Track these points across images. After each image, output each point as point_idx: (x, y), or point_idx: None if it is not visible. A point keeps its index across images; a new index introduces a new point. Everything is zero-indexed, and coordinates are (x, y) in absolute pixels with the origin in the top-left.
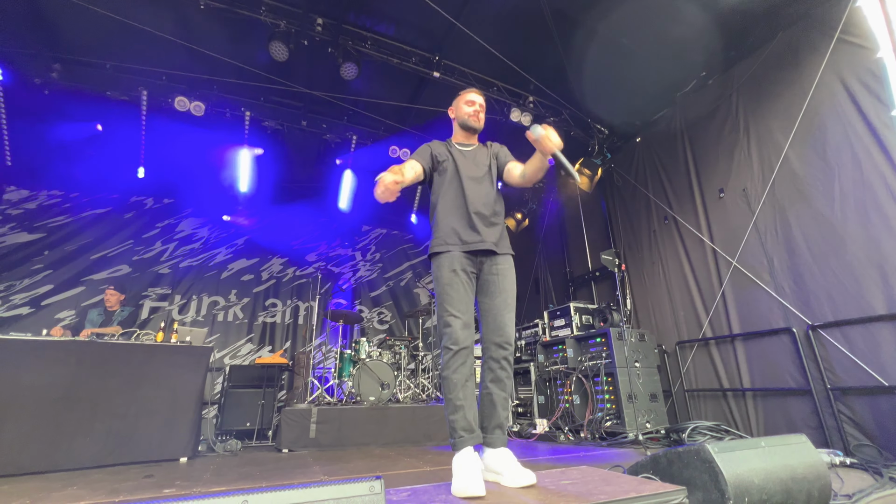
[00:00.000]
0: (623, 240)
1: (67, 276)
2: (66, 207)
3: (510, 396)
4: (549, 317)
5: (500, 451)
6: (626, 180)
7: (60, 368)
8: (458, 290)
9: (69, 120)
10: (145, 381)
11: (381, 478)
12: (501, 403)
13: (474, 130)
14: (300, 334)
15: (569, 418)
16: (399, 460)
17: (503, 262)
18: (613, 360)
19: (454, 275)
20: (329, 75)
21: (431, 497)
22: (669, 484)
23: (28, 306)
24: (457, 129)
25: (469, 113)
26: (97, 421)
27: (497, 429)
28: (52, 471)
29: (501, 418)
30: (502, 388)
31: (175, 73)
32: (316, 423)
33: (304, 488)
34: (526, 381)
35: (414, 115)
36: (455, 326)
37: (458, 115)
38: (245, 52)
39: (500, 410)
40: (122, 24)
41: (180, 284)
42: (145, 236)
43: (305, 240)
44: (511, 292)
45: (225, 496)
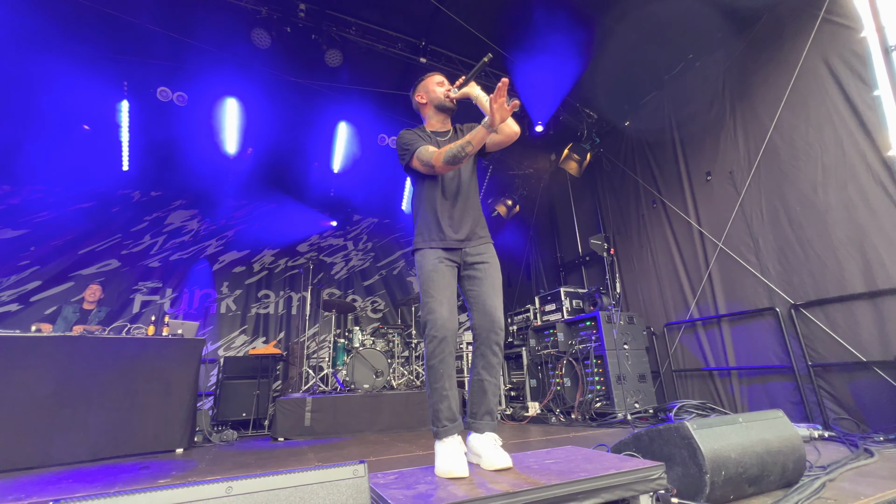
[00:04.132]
0: (612, 224)
1: (55, 271)
2: (49, 202)
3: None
4: (541, 302)
5: (486, 436)
6: (615, 165)
7: (52, 364)
8: (443, 277)
9: (49, 112)
10: (138, 374)
11: (364, 462)
12: (492, 390)
13: (451, 111)
14: (293, 324)
15: (560, 401)
16: (393, 445)
17: (484, 248)
18: (603, 342)
19: (438, 262)
20: (314, 62)
21: (418, 479)
22: (649, 460)
23: (16, 303)
24: (431, 114)
25: (443, 93)
26: (91, 415)
27: (486, 415)
28: (48, 466)
29: (491, 405)
30: (494, 374)
31: (157, 62)
32: (311, 411)
33: (288, 473)
34: (518, 365)
35: (402, 102)
36: (440, 312)
37: (431, 99)
38: (228, 41)
39: (491, 397)
40: (100, 12)
41: (171, 278)
42: (133, 230)
43: (296, 230)
44: (496, 277)
45: (210, 483)
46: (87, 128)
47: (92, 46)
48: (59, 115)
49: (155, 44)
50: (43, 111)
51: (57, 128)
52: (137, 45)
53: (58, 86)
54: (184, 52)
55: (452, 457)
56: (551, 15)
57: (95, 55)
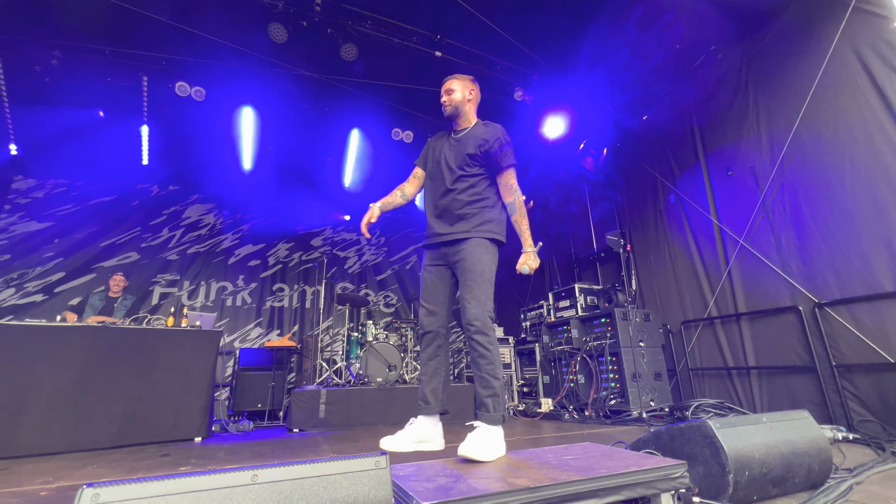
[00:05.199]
0: (629, 220)
1: (78, 263)
2: (73, 195)
3: (492, 375)
4: (554, 298)
5: (476, 427)
6: (633, 160)
7: (76, 353)
8: (426, 282)
9: (71, 107)
10: (157, 364)
11: (386, 454)
12: (479, 382)
13: (447, 118)
14: (307, 318)
15: (573, 397)
16: None
17: (466, 245)
18: (618, 339)
19: (426, 270)
20: (329, 57)
21: (437, 472)
22: (670, 459)
23: (42, 293)
24: (471, 113)
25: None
26: (113, 403)
27: (480, 406)
28: (73, 451)
29: (482, 397)
30: (477, 367)
31: (175, 58)
32: (325, 403)
33: (312, 463)
34: (531, 361)
35: (417, 96)
36: (421, 314)
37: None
38: (245, 36)
39: (480, 389)
40: (119, 8)
41: (189, 270)
42: (152, 223)
43: (310, 225)
44: (472, 272)
45: (236, 471)
46: (102, 114)
47: (111, 40)
48: (81, 108)
49: (174, 39)
50: (64, 105)
51: (79, 122)
52: (156, 40)
53: (78, 79)
54: (202, 47)
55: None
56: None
57: (115, 49)
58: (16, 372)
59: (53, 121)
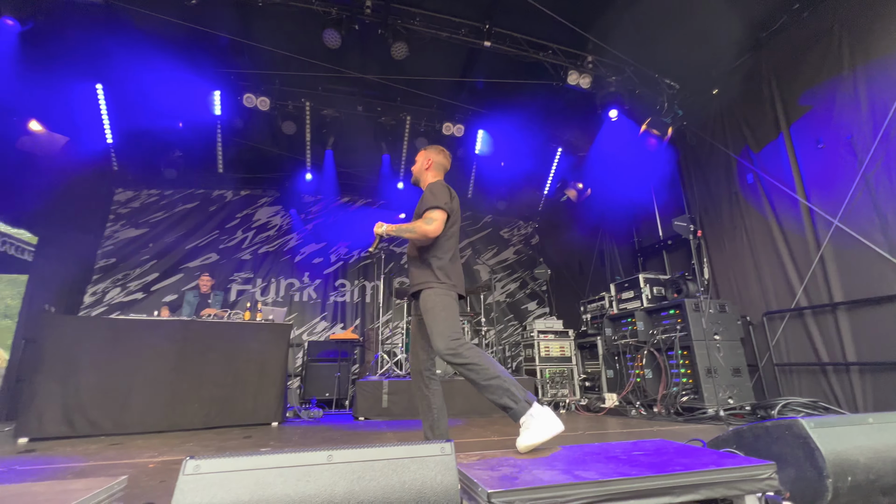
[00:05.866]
0: (699, 204)
1: (169, 264)
2: (162, 204)
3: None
4: (617, 289)
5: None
6: (702, 139)
7: (171, 345)
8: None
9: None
10: (238, 355)
11: (451, 441)
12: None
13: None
14: (368, 312)
15: (640, 393)
16: (467, 430)
17: (421, 298)
18: (690, 332)
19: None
20: (381, 57)
21: (500, 462)
22: (754, 458)
23: (141, 292)
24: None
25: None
26: (203, 389)
27: (506, 410)
28: (171, 430)
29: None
30: (474, 383)
31: (242, 72)
32: (387, 394)
33: (381, 447)
34: (593, 354)
35: (467, 89)
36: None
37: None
38: (301, 45)
39: (490, 397)
40: (193, 30)
41: (260, 269)
42: (228, 226)
43: (367, 222)
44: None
45: (313, 451)
46: (181, 125)
47: (186, 60)
48: (166, 125)
49: (240, 54)
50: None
51: (163, 135)
52: (226, 57)
53: (162, 99)
54: (264, 59)
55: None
56: None
57: (192, 69)
58: (125, 360)
59: (142, 137)
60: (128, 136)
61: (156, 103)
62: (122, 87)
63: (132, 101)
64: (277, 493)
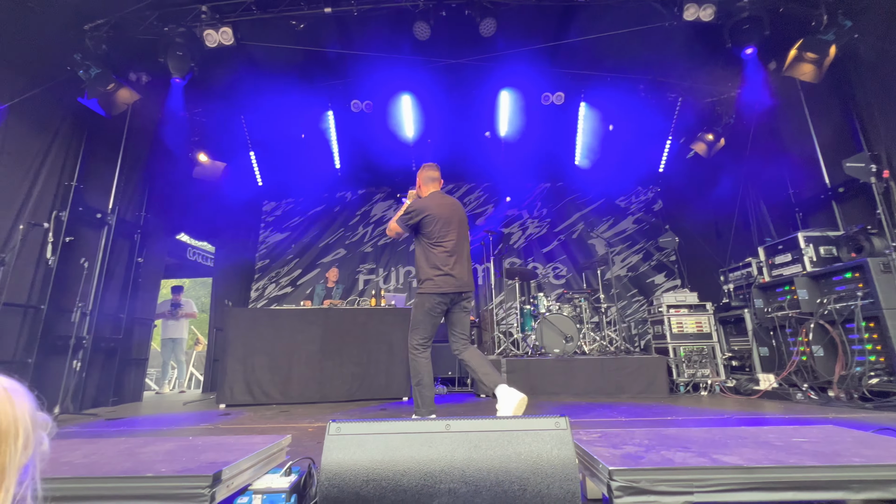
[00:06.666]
0: (883, 137)
1: (308, 261)
2: (297, 210)
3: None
4: (767, 253)
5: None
6: (885, 52)
7: (316, 329)
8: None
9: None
10: (369, 337)
11: (566, 416)
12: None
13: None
14: (481, 294)
15: (808, 374)
16: (591, 409)
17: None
18: (877, 299)
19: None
20: (470, 39)
21: (623, 440)
22: None
23: (290, 286)
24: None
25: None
26: (344, 367)
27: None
28: (323, 401)
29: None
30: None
31: (348, 80)
32: (506, 372)
33: (496, 419)
34: (739, 330)
35: (563, 53)
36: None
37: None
38: (394, 43)
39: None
40: (302, 51)
41: (381, 259)
42: (350, 223)
43: (473, 206)
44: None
45: (433, 420)
46: (304, 136)
47: (306, 79)
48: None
49: (343, 64)
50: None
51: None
52: (333, 69)
53: (286, 116)
54: (363, 65)
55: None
56: None
57: (308, 85)
58: (285, 342)
59: (277, 150)
60: (265, 155)
61: (282, 121)
62: (256, 113)
63: (266, 124)
64: (405, 455)
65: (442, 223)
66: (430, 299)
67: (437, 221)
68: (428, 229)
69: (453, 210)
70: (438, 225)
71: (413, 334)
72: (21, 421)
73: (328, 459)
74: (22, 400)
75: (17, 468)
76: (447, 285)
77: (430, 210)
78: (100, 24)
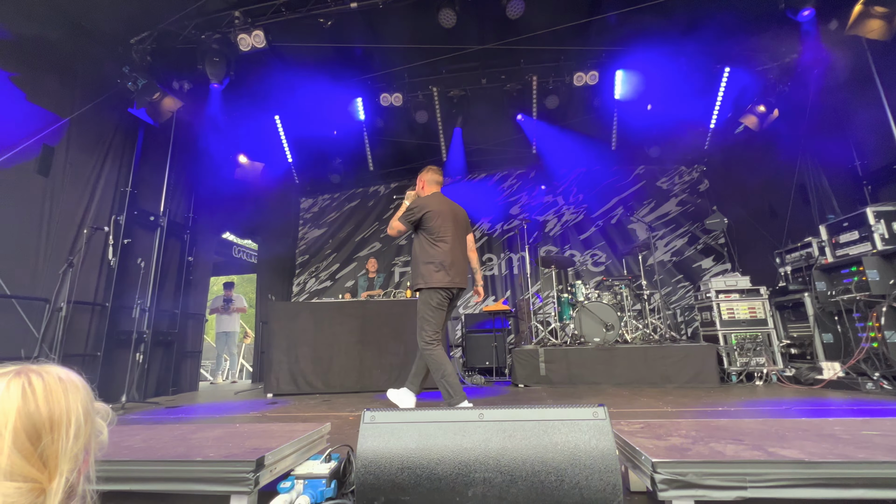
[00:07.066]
0: None
1: (345, 255)
2: (333, 206)
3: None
4: (830, 231)
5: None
6: None
7: (354, 321)
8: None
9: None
10: (406, 328)
11: (604, 406)
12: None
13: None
14: (517, 283)
15: (880, 361)
16: (634, 399)
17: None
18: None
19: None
20: (497, 23)
21: (668, 431)
22: None
23: (329, 280)
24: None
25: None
26: (382, 357)
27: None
28: (364, 391)
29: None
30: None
31: (377, 74)
32: (544, 362)
33: (531, 408)
34: (798, 315)
35: (596, 30)
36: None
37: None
38: (420, 34)
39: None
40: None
41: None
42: (385, 217)
43: (506, 195)
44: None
45: (467, 409)
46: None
47: (335, 76)
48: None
49: (371, 59)
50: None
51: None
52: (362, 64)
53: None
54: (390, 57)
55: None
56: None
57: (338, 82)
58: (325, 334)
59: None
60: (300, 153)
61: (315, 119)
62: (291, 112)
63: (299, 123)
64: (439, 443)
65: (442, 219)
66: (437, 294)
67: (438, 217)
68: (430, 224)
69: (453, 210)
70: (439, 220)
71: (423, 332)
72: (73, 412)
73: (364, 447)
74: (76, 391)
75: (70, 456)
76: (452, 280)
77: (431, 206)
78: (144, 37)
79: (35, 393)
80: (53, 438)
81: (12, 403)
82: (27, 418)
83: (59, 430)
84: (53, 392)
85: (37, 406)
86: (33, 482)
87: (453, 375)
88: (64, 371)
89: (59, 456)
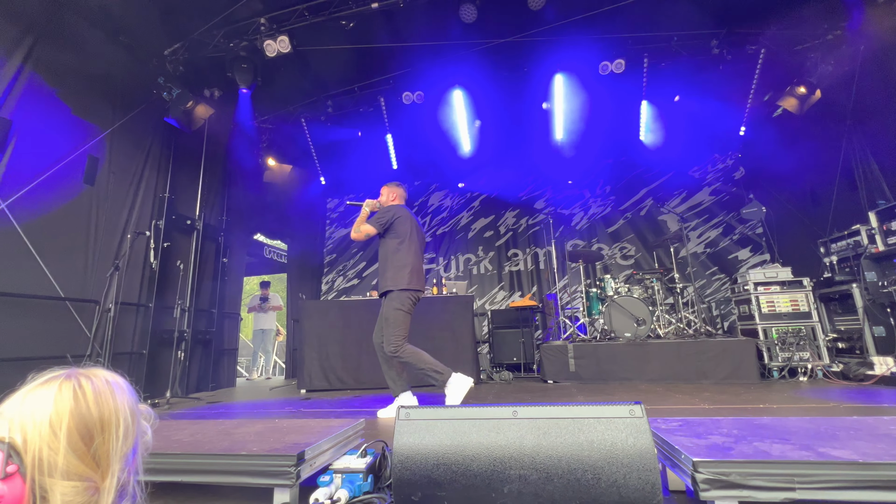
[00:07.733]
0: None
1: (371, 254)
2: None
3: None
4: (881, 218)
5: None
6: None
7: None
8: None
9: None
10: (433, 325)
11: (640, 403)
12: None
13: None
14: (543, 278)
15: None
16: (668, 396)
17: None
18: None
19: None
20: (518, 15)
21: (708, 429)
22: None
23: (356, 278)
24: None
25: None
26: None
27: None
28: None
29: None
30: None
31: (398, 73)
32: (574, 357)
33: (566, 406)
34: (845, 308)
35: (619, 19)
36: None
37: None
38: (442, 30)
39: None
40: (356, 50)
41: (441, 248)
42: None
43: (531, 189)
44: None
45: (500, 406)
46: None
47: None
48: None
49: (392, 57)
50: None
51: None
52: (385, 63)
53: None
54: (412, 56)
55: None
56: None
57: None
58: (354, 331)
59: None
60: (326, 153)
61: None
62: (315, 113)
63: (324, 123)
64: (473, 440)
65: (411, 225)
66: (410, 297)
67: (408, 222)
68: (400, 229)
69: (415, 222)
70: (409, 226)
71: (394, 335)
72: (121, 412)
73: (400, 443)
74: (123, 394)
75: (120, 456)
76: (420, 284)
77: (401, 213)
78: (177, 48)
79: (86, 395)
80: (105, 439)
81: (65, 405)
82: (80, 419)
83: (110, 431)
84: (103, 394)
85: (88, 408)
86: (88, 481)
87: (430, 359)
88: (110, 374)
89: (111, 455)
